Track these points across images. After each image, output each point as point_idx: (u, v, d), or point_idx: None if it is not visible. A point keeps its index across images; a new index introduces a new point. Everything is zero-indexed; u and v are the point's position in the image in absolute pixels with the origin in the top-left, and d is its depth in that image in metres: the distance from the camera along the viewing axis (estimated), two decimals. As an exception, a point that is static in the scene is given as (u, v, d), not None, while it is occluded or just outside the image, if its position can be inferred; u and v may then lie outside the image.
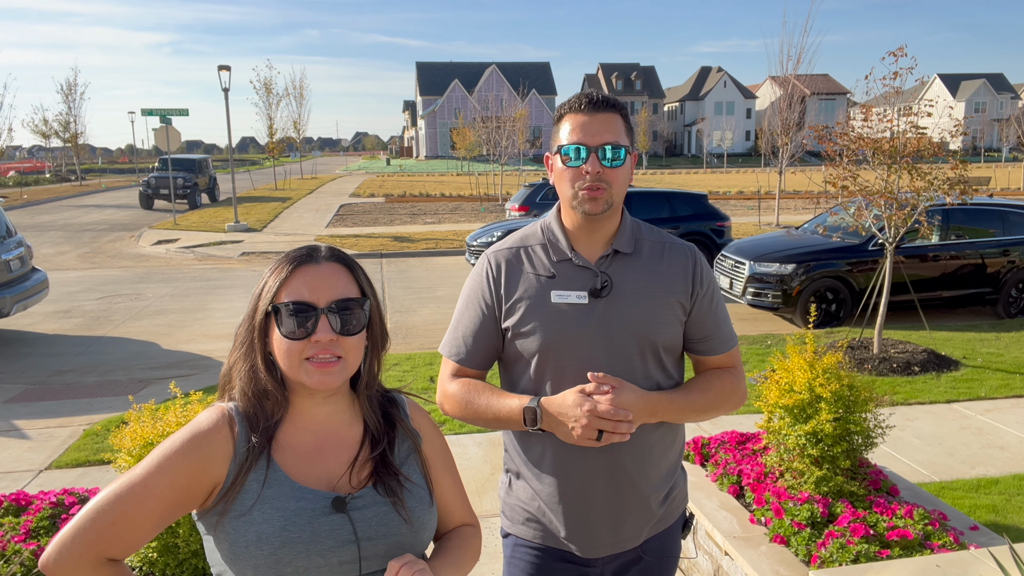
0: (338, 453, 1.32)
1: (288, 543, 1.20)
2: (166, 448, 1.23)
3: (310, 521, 1.22)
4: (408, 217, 22.52)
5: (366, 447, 1.33)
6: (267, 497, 1.23)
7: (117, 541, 1.19)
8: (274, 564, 1.20)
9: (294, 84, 47.45)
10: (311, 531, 1.22)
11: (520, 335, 1.72)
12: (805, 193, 28.21)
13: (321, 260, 1.30)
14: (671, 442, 1.80)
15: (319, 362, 1.25)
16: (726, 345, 1.81)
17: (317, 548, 1.21)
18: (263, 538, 1.20)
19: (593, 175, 1.63)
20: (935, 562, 2.39)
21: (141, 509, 1.19)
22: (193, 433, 1.25)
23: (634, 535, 1.78)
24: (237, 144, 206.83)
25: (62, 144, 44.61)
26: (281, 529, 1.20)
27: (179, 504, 1.22)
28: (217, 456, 1.24)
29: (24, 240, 8.88)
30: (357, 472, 1.30)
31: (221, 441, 1.25)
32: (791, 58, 18.19)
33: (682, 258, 1.77)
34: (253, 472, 1.24)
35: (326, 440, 1.32)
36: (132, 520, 1.19)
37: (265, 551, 1.19)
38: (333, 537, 1.23)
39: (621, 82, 79.51)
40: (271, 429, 1.28)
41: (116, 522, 1.18)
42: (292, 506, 1.23)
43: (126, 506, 1.19)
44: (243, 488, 1.23)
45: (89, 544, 1.18)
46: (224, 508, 1.22)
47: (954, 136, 8.07)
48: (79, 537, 1.18)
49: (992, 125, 69.96)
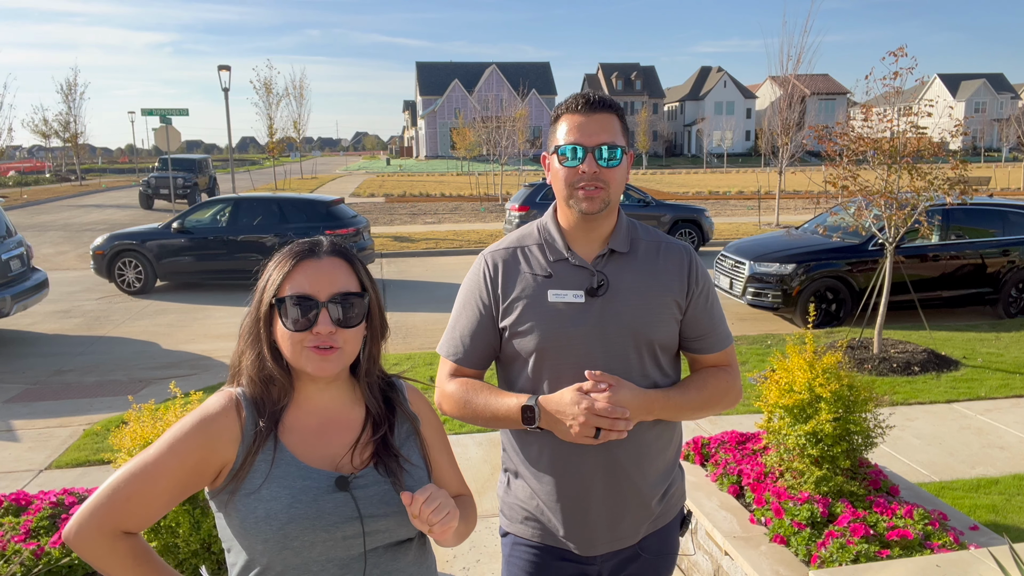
0: (341, 435, 1.39)
1: (295, 519, 1.27)
2: (176, 430, 1.31)
3: (315, 499, 1.29)
4: (408, 217, 22.53)
5: (368, 429, 1.40)
6: (275, 476, 1.30)
7: (132, 516, 1.28)
8: (282, 538, 1.27)
9: (294, 84, 47.41)
10: (316, 508, 1.29)
11: (517, 334, 1.73)
12: (805, 193, 28.21)
13: (323, 254, 1.37)
14: (668, 440, 1.81)
15: (318, 349, 1.32)
16: (722, 343, 1.82)
17: (322, 524, 1.29)
18: (271, 514, 1.27)
19: (590, 175, 1.65)
20: (935, 562, 2.39)
21: (153, 487, 1.28)
22: (202, 416, 1.32)
23: (632, 532, 1.79)
24: (237, 144, 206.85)
25: (62, 144, 44.63)
26: (288, 506, 1.27)
27: (189, 482, 1.30)
28: (224, 438, 1.31)
29: (24, 240, 8.88)
30: (359, 453, 1.37)
31: (229, 424, 1.32)
32: (791, 58, 18.21)
33: (677, 257, 1.78)
34: (262, 453, 1.31)
35: (330, 423, 1.39)
36: (145, 496, 1.28)
37: (274, 526, 1.26)
38: (337, 513, 1.30)
39: (621, 82, 79.50)
40: (278, 413, 1.36)
41: (131, 498, 1.27)
42: (299, 484, 1.30)
43: (139, 484, 1.28)
44: (252, 468, 1.30)
45: (105, 518, 1.27)
46: (235, 487, 1.30)
47: (954, 136, 8.07)
48: (97, 512, 1.27)
49: (992, 125, 69.95)
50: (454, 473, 1.54)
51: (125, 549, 1.29)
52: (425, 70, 76.09)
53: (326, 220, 11.40)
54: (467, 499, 1.56)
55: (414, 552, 1.41)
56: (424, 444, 1.46)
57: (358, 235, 11.65)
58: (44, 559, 2.68)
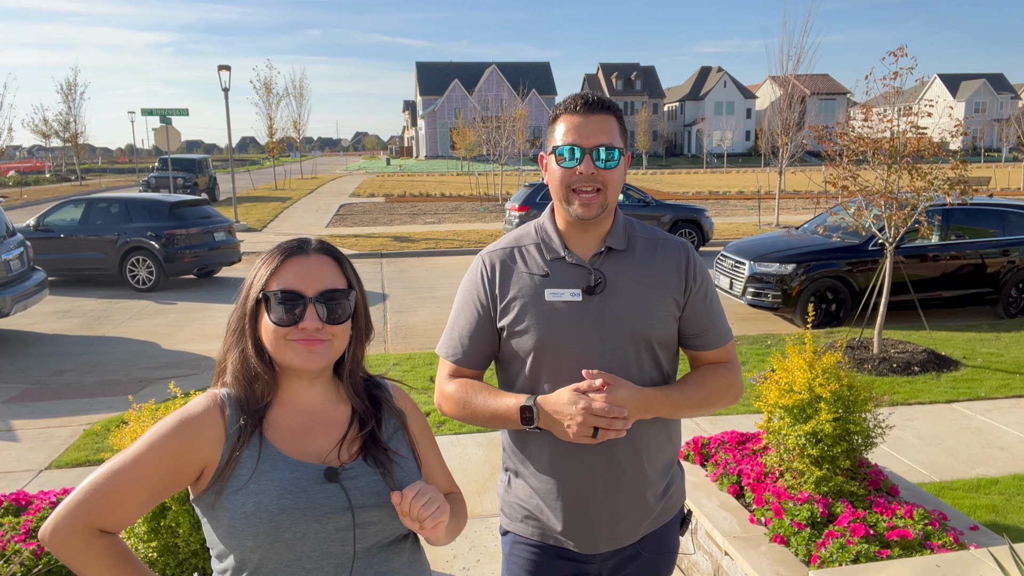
0: (327, 432, 1.38)
1: (285, 510, 1.26)
2: (156, 429, 1.31)
3: (305, 489, 1.28)
4: (408, 217, 22.53)
5: (355, 425, 1.40)
6: (262, 470, 1.29)
7: (108, 513, 1.26)
8: (273, 531, 1.26)
9: (294, 84, 47.57)
10: (307, 498, 1.28)
11: (515, 334, 1.73)
12: (805, 193, 28.20)
13: (311, 252, 1.38)
14: (667, 438, 1.81)
15: (305, 342, 1.32)
16: (721, 340, 1.81)
17: (313, 514, 1.28)
18: (261, 507, 1.26)
19: (587, 176, 1.65)
20: (935, 562, 2.39)
21: (131, 484, 1.26)
22: (183, 417, 1.31)
23: (632, 531, 1.79)
24: (237, 144, 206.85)
25: (62, 144, 44.62)
26: (278, 498, 1.26)
27: (168, 482, 1.29)
28: (205, 438, 1.30)
29: (24, 240, 8.89)
30: (347, 448, 1.37)
31: (211, 424, 1.31)
32: (791, 58, 18.21)
33: (675, 254, 1.78)
34: (247, 450, 1.30)
35: (315, 420, 1.38)
36: (123, 494, 1.26)
37: (264, 519, 1.25)
38: (328, 504, 1.29)
39: (621, 82, 79.50)
40: (262, 411, 1.35)
41: (108, 495, 1.26)
42: (287, 477, 1.29)
43: (118, 481, 1.26)
44: (238, 465, 1.29)
45: (82, 515, 1.25)
46: (221, 486, 1.28)
47: (954, 136, 8.07)
48: (74, 509, 1.25)
49: (992, 125, 69.95)
50: (442, 470, 1.55)
51: (100, 548, 1.26)
52: (425, 70, 76.09)
53: (168, 220, 11.89)
54: (457, 497, 1.56)
55: (408, 554, 1.41)
56: (412, 439, 1.46)
57: (207, 235, 12.08)
58: (44, 559, 2.68)
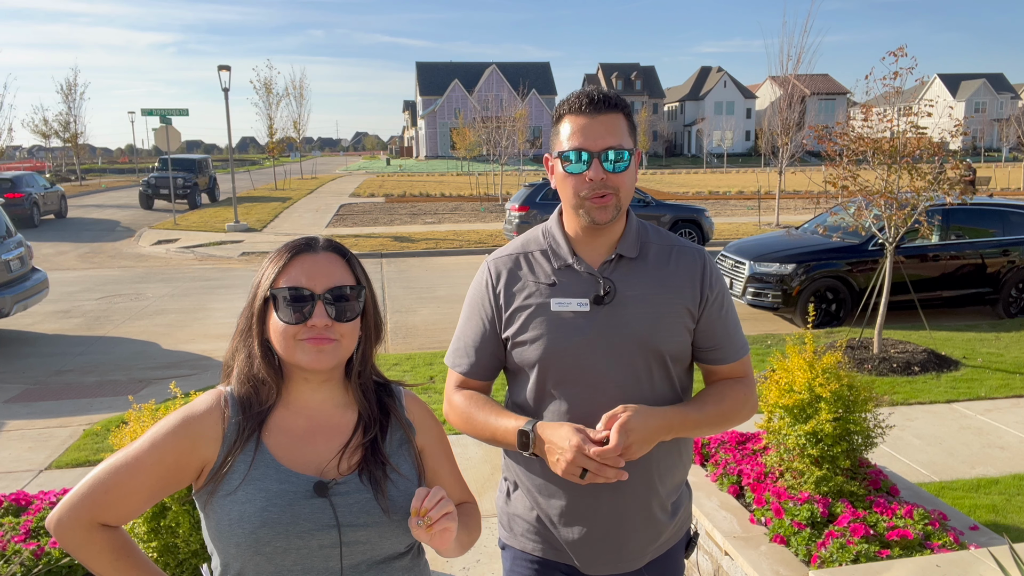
0: (329, 439, 1.35)
1: (267, 523, 1.24)
2: (159, 427, 1.31)
3: (291, 503, 1.26)
4: (408, 217, 22.52)
5: (358, 433, 1.37)
6: (253, 478, 1.28)
7: (110, 508, 1.27)
8: (253, 543, 1.24)
9: (294, 84, 47.52)
10: (291, 513, 1.26)
11: (519, 345, 1.65)
12: (805, 193, 28.19)
13: (319, 249, 1.36)
14: (678, 458, 1.73)
15: (314, 340, 1.30)
16: (737, 354, 1.71)
17: (296, 530, 1.25)
18: (244, 517, 1.25)
19: (597, 182, 1.55)
20: (935, 562, 2.39)
21: (132, 480, 1.27)
22: (185, 415, 1.31)
23: (638, 555, 1.71)
24: (237, 144, 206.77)
25: (62, 144, 44.58)
26: (262, 509, 1.25)
27: (169, 479, 1.29)
28: (206, 437, 1.30)
29: (24, 240, 8.88)
30: (347, 458, 1.34)
31: (212, 423, 1.31)
32: (791, 58, 18.20)
33: (690, 261, 1.68)
34: (242, 454, 1.29)
35: (318, 426, 1.36)
36: (124, 489, 1.27)
37: (246, 529, 1.24)
38: (312, 520, 1.26)
39: (621, 82, 79.49)
40: (264, 413, 1.33)
41: (110, 490, 1.27)
42: (275, 488, 1.27)
43: (120, 477, 1.27)
44: (232, 469, 1.28)
45: (84, 509, 1.26)
46: (214, 488, 1.28)
47: (954, 136, 8.07)
48: (77, 503, 1.26)
49: (992, 125, 69.93)
50: (455, 482, 1.49)
51: (102, 541, 1.28)
52: (425, 70, 76.06)
53: None
54: (471, 507, 1.50)
55: (403, 573, 1.37)
56: (418, 453, 1.41)
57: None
58: (44, 559, 2.68)
